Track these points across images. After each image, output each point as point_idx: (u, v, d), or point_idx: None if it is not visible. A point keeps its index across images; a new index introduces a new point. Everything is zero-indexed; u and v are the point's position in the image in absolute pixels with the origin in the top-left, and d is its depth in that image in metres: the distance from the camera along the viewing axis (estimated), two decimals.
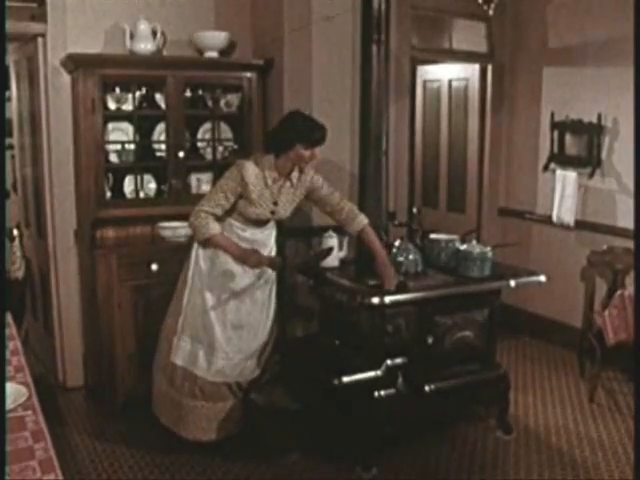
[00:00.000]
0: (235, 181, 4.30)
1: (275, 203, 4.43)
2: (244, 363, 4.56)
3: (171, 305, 4.63)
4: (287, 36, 5.39)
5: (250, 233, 4.47)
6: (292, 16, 5.37)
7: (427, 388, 4.49)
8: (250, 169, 4.31)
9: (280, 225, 4.75)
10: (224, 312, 4.48)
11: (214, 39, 5.47)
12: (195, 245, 4.50)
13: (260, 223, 4.50)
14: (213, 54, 5.49)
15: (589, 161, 6.09)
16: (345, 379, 4.33)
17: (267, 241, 4.59)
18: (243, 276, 4.48)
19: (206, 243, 4.37)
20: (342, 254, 4.91)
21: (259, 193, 4.34)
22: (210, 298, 4.46)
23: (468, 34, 6.81)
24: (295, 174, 4.49)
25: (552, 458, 4.55)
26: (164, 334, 4.62)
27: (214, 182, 5.56)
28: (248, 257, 4.33)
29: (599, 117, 5.95)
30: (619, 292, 5.12)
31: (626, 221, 5.83)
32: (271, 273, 4.59)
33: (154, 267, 5.01)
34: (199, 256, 4.48)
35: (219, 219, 4.37)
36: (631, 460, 4.48)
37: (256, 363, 4.63)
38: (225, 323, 4.48)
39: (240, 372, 4.55)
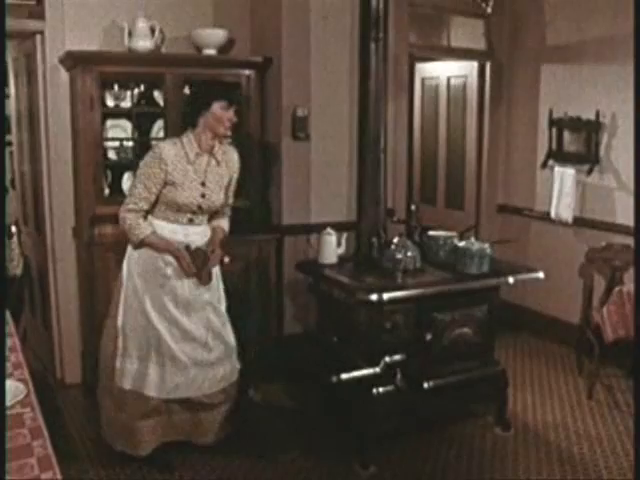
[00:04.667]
0: (155, 165, 4.01)
1: (203, 184, 4.13)
2: (203, 375, 4.25)
3: (107, 320, 4.33)
4: (285, 34, 5.39)
5: (182, 231, 4.15)
6: (290, 14, 5.37)
7: (426, 385, 4.50)
8: (167, 147, 4.05)
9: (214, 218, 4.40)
10: (170, 323, 4.16)
11: (213, 36, 5.46)
12: (128, 250, 4.19)
13: (191, 215, 4.16)
14: (212, 51, 5.49)
15: (587, 158, 6.10)
16: (343, 376, 4.33)
17: (201, 241, 4.22)
18: (184, 281, 4.19)
19: (141, 245, 4.09)
20: (340, 251, 4.91)
21: (183, 172, 4.05)
22: (151, 310, 4.13)
23: (466, 31, 6.80)
24: (219, 150, 4.24)
25: (550, 455, 4.56)
26: (103, 355, 4.31)
27: None
28: (182, 257, 4.08)
29: (597, 114, 5.94)
30: (617, 289, 5.11)
31: (624, 218, 5.84)
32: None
33: None
34: (132, 263, 4.16)
35: (146, 216, 4.12)
36: (630, 457, 4.50)
37: (222, 373, 4.33)
38: (173, 334, 4.16)
39: (199, 386, 4.25)
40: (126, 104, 5.27)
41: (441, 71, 7.51)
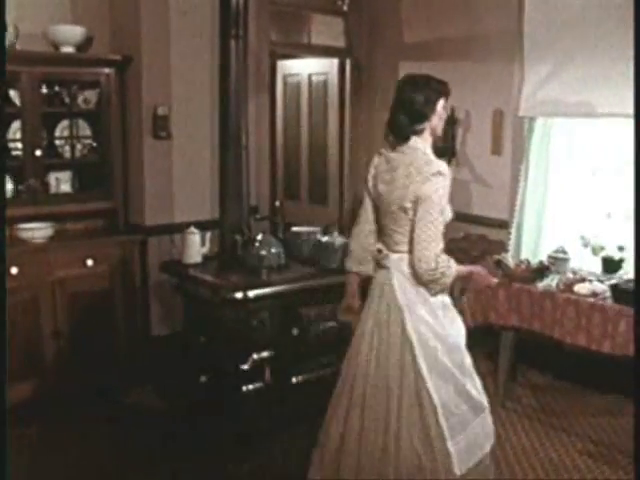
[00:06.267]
0: (447, 190, 3.48)
1: None
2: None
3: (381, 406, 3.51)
4: (144, 30, 5.34)
5: None
6: (149, 11, 5.33)
7: (294, 380, 4.56)
8: (442, 164, 3.55)
9: None
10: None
11: (70, 33, 5.33)
12: (407, 306, 3.57)
13: None
14: (69, 49, 5.36)
15: (445, 152, 6.28)
16: (210, 376, 4.34)
17: None
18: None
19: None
20: (205, 250, 4.90)
21: None
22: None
23: (326, 29, 6.91)
24: None
25: None
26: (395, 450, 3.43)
27: (73, 181, 5.46)
28: (481, 272, 3.79)
29: (452, 110, 6.14)
30: None
31: (480, 209, 6.09)
32: None
33: (14, 271, 4.85)
34: (430, 318, 3.63)
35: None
36: None
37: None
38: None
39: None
40: None
41: (302, 68, 7.60)
